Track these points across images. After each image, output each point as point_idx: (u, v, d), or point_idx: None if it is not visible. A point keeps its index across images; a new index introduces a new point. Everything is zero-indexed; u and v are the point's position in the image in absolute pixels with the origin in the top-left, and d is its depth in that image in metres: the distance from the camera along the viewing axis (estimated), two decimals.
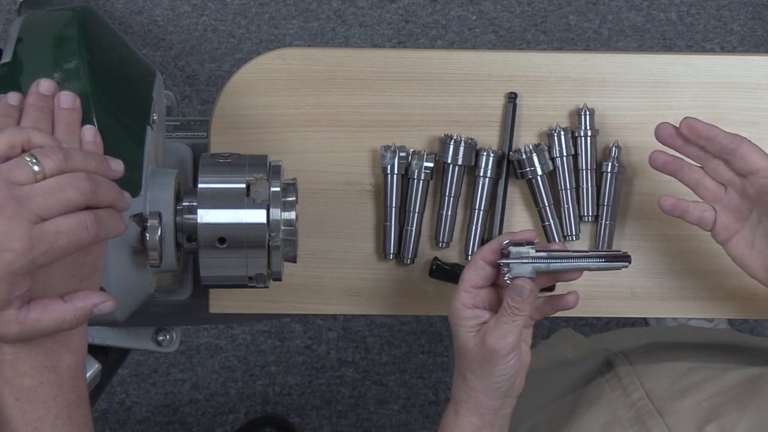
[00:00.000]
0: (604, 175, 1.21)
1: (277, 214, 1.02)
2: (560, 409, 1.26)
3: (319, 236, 1.22)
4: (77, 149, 0.91)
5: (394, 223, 1.21)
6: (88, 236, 0.87)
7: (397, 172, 1.20)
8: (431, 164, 1.20)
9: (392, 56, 1.22)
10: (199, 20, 2.19)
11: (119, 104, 1.01)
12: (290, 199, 1.03)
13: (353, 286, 1.23)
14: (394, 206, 1.20)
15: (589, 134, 1.20)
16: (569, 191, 1.20)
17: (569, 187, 1.20)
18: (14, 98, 0.93)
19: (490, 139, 1.22)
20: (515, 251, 1.03)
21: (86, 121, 0.95)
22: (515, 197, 1.22)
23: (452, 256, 1.23)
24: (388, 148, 1.20)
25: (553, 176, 1.21)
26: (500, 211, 1.21)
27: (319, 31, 2.20)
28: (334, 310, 1.24)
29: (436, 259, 1.22)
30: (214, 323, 2.08)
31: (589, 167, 1.21)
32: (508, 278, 1.03)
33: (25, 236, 0.83)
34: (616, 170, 1.20)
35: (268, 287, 1.06)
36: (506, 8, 2.22)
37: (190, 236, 1.03)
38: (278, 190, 1.02)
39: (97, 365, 1.29)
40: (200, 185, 1.02)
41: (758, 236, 1.08)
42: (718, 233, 1.09)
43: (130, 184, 0.96)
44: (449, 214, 1.20)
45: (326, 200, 1.22)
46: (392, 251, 1.21)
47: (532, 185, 1.20)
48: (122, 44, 1.08)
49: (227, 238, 1.01)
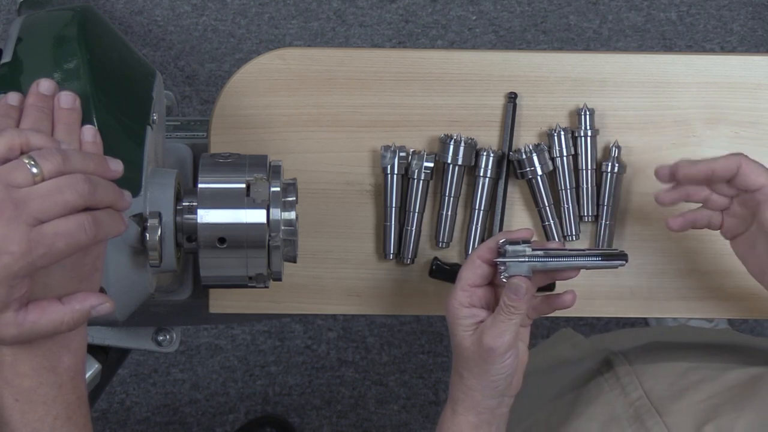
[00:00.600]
0: (604, 175, 1.21)
1: (277, 214, 1.02)
2: (559, 408, 1.26)
3: (319, 236, 1.22)
4: (76, 150, 0.90)
5: (394, 223, 1.21)
6: (86, 238, 0.86)
7: (397, 172, 1.20)
8: (431, 164, 1.20)
9: (392, 56, 1.22)
10: (199, 20, 2.19)
11: (119, 104, 1.01)
12: (290, 199, 1.03)
13: (353, 286, 1.23)
14: (394, 206, 1.20)
15: (589, 134, 1.20)
16: (569, 191, 1.20)
17: (569, 187, 1.20)
18: (14, 98, 0.93)
19: (490, 139, 1.22)
20: (512, 250, 1.03)
21: (86, 121, 0.95)
22: (515, 197, 1.22)
23: (452, 256, 1.23)
24: (388, 148, 1.20)
25: (553, 176, 1.21)
26: (500, 211, 1.21)
27: (319, 31, 2.20)
28: (334, 310, 1.23)
29: (436, 259, 1.22)
30: (214, 323, 2.08)
31: (589, 167, 1.21)
32: (504, 277, 1.03)
33: (23, 239, 0.83)
34: (616, 170, 1.20)
35: (268, 287, 1.06)
36: (506, 8, 2.22)
37: (190, 236, 1.03)
38: (278, 190, 1.02)
39: (97, 365, 1.29)
40: (200, 185, 1.02)
41: (759, 241, 1.09)
42: (724, 233, 1.12)
43: (130, 184, 0.95)
44: (449, 214, 1.20)
45: (326, 200, 1.22)
46: (392, 251, 1.21)
47: (532, 185, 1.20)
48: (122, 44, 1.08)
49: (227, 238, 1.01)
